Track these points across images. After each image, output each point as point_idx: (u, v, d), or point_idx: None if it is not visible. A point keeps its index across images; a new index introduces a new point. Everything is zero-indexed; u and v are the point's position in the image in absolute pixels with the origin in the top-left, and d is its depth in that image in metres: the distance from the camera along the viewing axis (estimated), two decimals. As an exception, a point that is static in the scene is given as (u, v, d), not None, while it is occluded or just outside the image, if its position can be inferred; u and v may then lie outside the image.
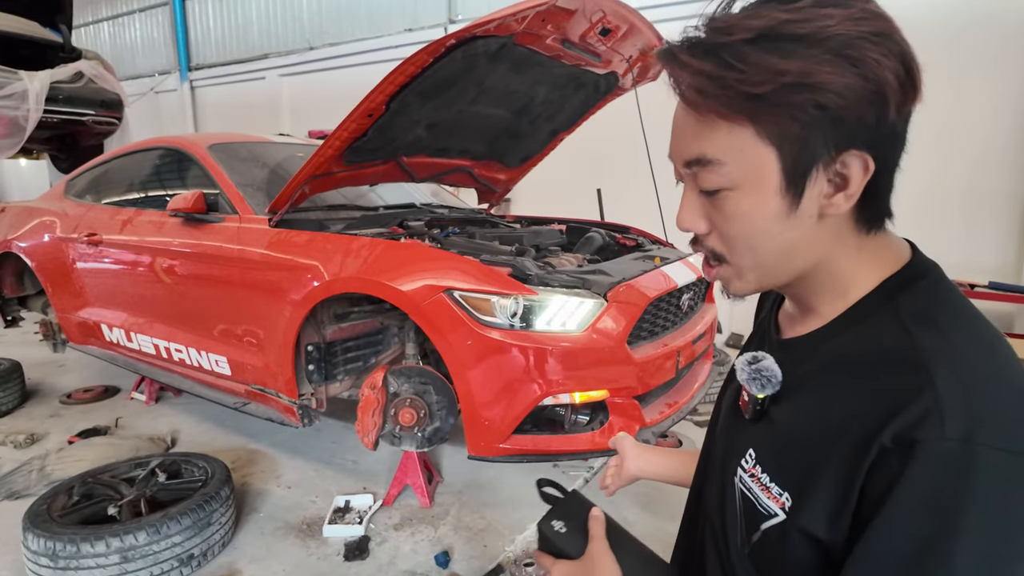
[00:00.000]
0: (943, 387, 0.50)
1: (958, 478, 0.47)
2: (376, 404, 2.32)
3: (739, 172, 0.57)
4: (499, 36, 2.25)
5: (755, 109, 0.54)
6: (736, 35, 0.52)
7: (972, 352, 0.53)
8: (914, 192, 4.79)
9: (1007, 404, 0.50)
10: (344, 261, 2.29)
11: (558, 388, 2.02)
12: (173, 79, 10.07)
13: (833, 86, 0.51)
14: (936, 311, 0.57)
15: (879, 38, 0.52)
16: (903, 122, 0.56)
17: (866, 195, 0.57)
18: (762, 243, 0.59)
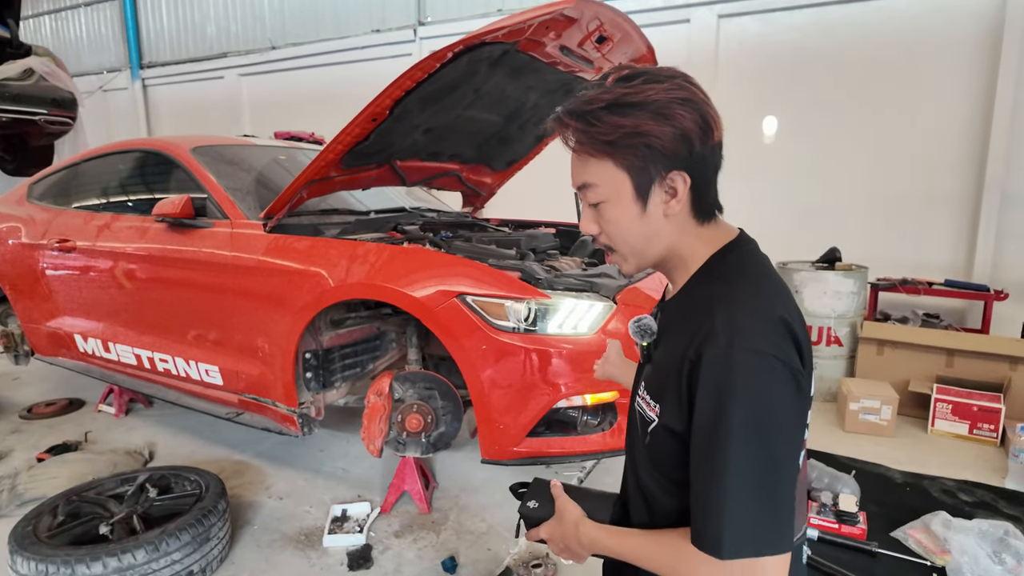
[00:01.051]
0: (718, 317, 0.77)
1: (725, 371, 0.74)
2: (383, 410, 2.30)
3: (607, 190, 0.86)
4: (504, 42, 2.27)
5: (610, 150, 0.83)
6: (595, 105, 0.82)
7: (740, 294, 0.80)
8: (871, 196, 5.07)
9: (753, 323, 0.77)
10: (350, 267, 2.26)
11: (572, 390, 2.05)
12: (124, 77, 9.65)
13: (654, 133, 0.80)
14: (730, 271, 0.85)
15: (684, 102, 0.81)
16: (709, 150, 0.84)
17: (695, 199, 0.86)
18: (630, 236, 0.88)
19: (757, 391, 0.73)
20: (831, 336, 4.33)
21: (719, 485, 0.74)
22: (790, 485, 0.76)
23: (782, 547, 0.74)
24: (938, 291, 4.48)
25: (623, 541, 0.87)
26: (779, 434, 0.74)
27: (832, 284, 4.30)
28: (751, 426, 0.73)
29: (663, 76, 0.83)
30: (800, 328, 0.79)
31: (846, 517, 2.67)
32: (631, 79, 0.83)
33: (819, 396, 4.40)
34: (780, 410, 0.75)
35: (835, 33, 5.14)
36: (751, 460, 0.73)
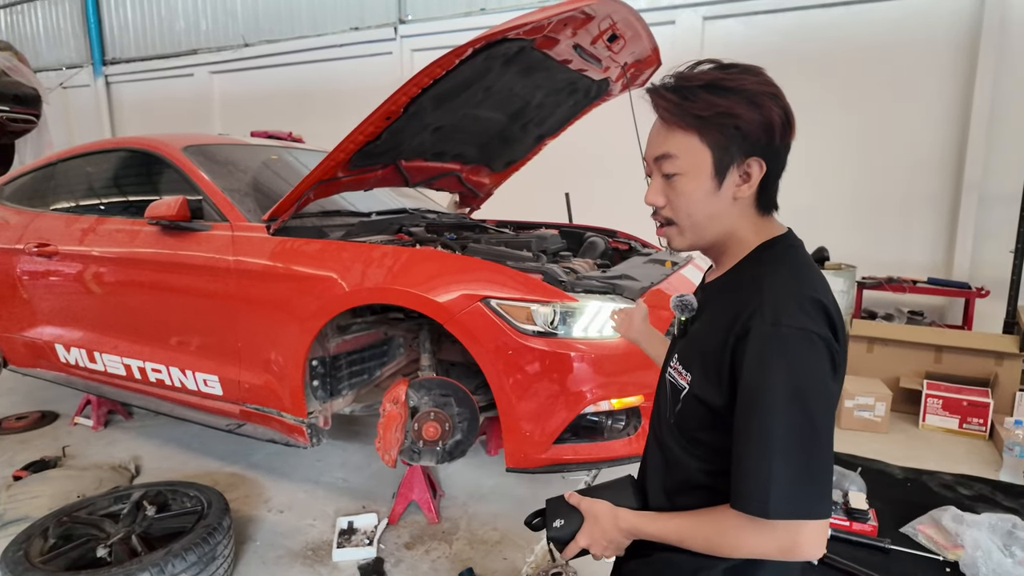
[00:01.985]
0: (764, 297, 0.84)
1: (771, 344, 0.80)
2: (400, 419, 2.22)
3: (687, 163, 0.90)
4: (523, 39, 2.21)
5: (700, 125, 0.88)
6: (693, 82, 0.88)
7: (785, 278, 0.87)
8: (853, 196, 5.18)
9: (796, 304, 0.83)
10: (365, 271, 2.17)
11: (599, 395, 2.01)
12: (85, 74, 9.27)
13: (744, 117, 0.86)
14: (777, 260, 0.91)
15: (773, 97, 0.88)
16: (784, 147, 0.91)
17: (761, 190, 0.92)
18: (696, 210, 0.93)
19: (800, 364, 0.79)
20: (822, 334, 4.39)
21: (765, 449, 0.78)
22: (829, 454, 0.81)
23: (822, 512, 0.79)
24: (922, 289, 4.59)
25: (664, 524, 0.90)
26: (819, 404, 0.80)
27: (823, 283, 4.36)
28: (794, 396, 0.78)
29: (757, 71, 0.90)
30: (836, 313, 0.85)
31: (857, 514, 2.69)
32: (729, 67, 0.89)
33: (811, 394, 4.46)
34: (820, 382, 0.80)
35: (817, 36, 5.23)
36: (795, 427, 0.78)
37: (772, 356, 0.79)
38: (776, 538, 0.79)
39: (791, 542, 0.79)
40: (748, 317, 0.83)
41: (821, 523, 0.79)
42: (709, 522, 0.85)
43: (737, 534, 0.81)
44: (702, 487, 0.90)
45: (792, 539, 0.78)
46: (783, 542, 0.79)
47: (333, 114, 7.52)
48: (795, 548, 0.79)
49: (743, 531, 0.80)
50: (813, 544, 0.79)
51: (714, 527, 0.84)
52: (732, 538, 0.81)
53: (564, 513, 1.00)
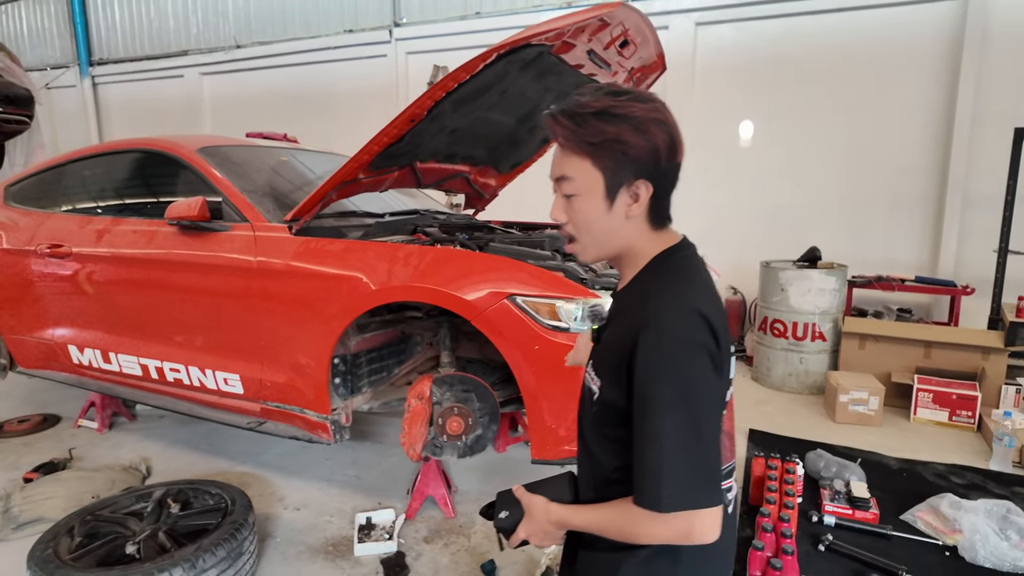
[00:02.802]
0: (650, 310, 0.92)
1: (655, 354, 0.88)
2: (424, 414, 2.27)
3: (582, 185, 0.98)
4: (542, 44, 2.28)
5: (591, 151, 0.95)
6: (586, 110, 0.94)
7: (670, 291, 0.94)
8: (841, 197, 5.34)
9: (677, 315, 0.91)
10: (391, 270, 2.22)
11: (623, 388, 2.08)
12: (71, 74, 9.14)
13: (631, 143, 0.93)
14: (669, 270, 0.99)
15: (659, 123, 0.94)
16: (672, 167, 0.98)
17: (653, 207, 0.99)
18: (594, 228, 1.00)
19: (681, 369, 0.88)
20: (815, 331, 4.52)
21: (655, 450, 0.87)
22: (715, 448, 0.90)
23: (714, 499, 0.88)
24: (910, 287, 4.75)
25: (585, 515, 0.99)
26: (702, 405, 0.89)
27: (816, 282, 4.49)
28: (678, 399, 0.87)
29: (646, 98, 0.97)
30: (717, 319, 0.93)
31: (859, 503, 2.79)
32: (620, 94, 0.96)
33: (806, 389, 4.59)
34: (701, 384, 0.89)
35: (807, 42, 5.38)
36: (680, 427, 0.87)
37: (656, 364, 0.88)
38: (673, 527, 0.87)
39: (687, 529, 0.87)
40: (638, 330, 0.90)
41: (712, 511, 0.87)
42: (620, 514, 0.93)
43: (642, 524, 0.89)
44: (618, 482, 0.97)
45: (687, 527, 0.87)
46: (680, 530, 0.88)
47: (326, 116, 7.53)
48: (691, 534, 0.88)
49: (646, 522, 0.89)
50: (707, 530, 0.88)
51: (624, 518, 0.92)
52: (638, 527, 0.90)
53: (510, 505, 1.08)
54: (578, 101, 0.96)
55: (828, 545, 2.54)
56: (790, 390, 4.63)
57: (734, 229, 5.81)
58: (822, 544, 2.54)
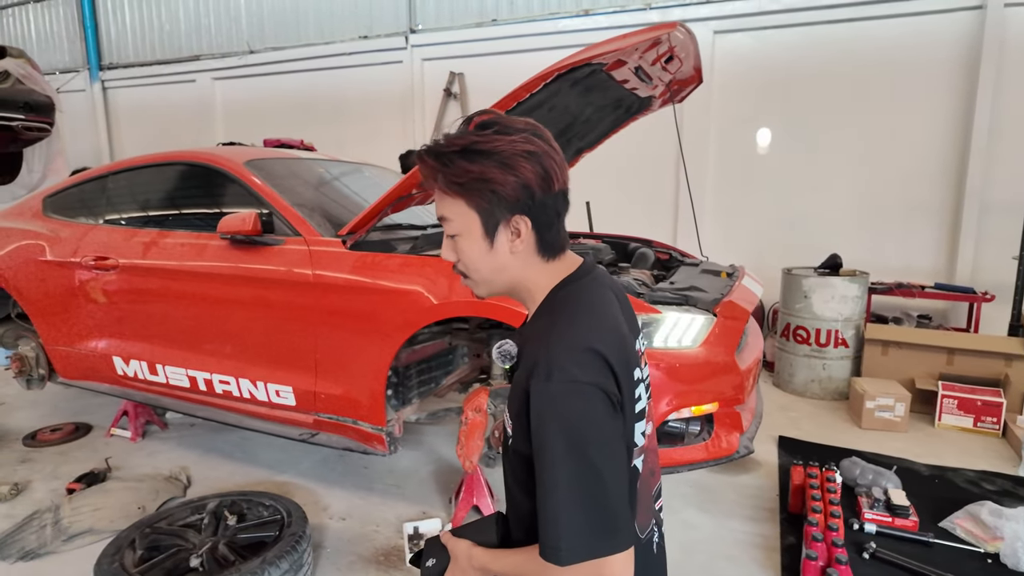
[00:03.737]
0: (540, 352, 0.88)
1: (545, 400, 0.85)
2: (482, 426, 2.30)
3: (460, 226, 0.95)
4: (600, 63, 2.32)
5: (461, 191, 0.91)
6: (450, 148, 0.91)
7: (560, 330, 0.90)
8: (859, 205, 5.40)
9: (568, 356, 0.86)
10: (452, 285, 2.25)
11: (681, 402, 2.12)
12: (81, 79, 9.13)
13: (498, 180, 0.89)
14: (558, 306, 0.96)
15: (529, 155, 0.90)
16: (552, 198, 0.93)
17: (539, 239, 0.95)
18: (481, 267, 0.97)
19: (573, 415, 0.84)
20: (838, 338, 4.58)
21: (551, 501, 0.84)
22: (619, 490, 0.86)
23: (619, 545, 0.85)
24: (930, 294, 4.81)
25: (503, 560, 0.97)
26: (599, 449, 0.84)
27: (839, 289, 4.55)
28: (572, 446, 0.83)
29: (514, 128, 0.92)
30: (615, 354, 0.89)
31: (899, 511, 2.84)
32: (486, 127, 0.92)
33: (829, 395, 4.64)
34: (596, 428, 0.84)
35: (825, 51, 5.44)
36: (575, 475, 0.83)
37: (547, 411, 0.84)
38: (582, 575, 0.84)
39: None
40: (530, 373, 0.88)
41: (621, 556, 0.84)
42: (532, 560, 0.89)
43: (551, 573, 0.85)
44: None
45: (596, 574, 0.83)
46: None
47: (339, 123, 7.55)
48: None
49: (553, 572, 0.85)
50: (618, 574, 0.84)
51: (535, 566, 0.88)
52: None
53: (437, 552, 1.07)
54: (445, 139, 0.93)
55: (872, 553, 2.58)
56: (812, 396, 4.68)
57: (751, 236, 5.87)
58: (867, 552, 2.58)
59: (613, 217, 5.27)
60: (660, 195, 6.16)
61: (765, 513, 3.03)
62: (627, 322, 1.02)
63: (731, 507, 3.08)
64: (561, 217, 0.97)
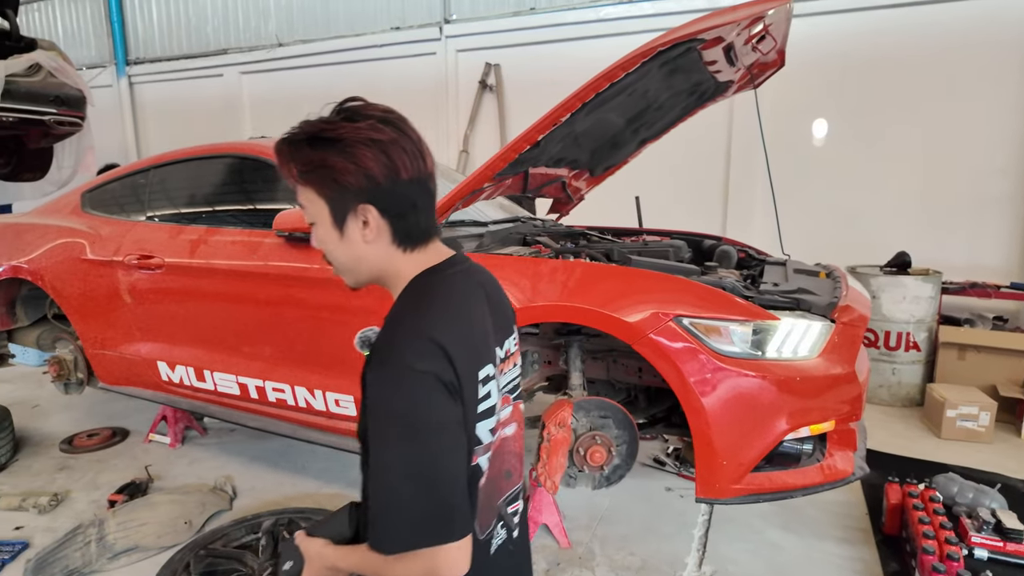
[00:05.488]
0: (381, 337, 0.90)
1: (379, 386, 0.84)
2: (566, 443, 2.09)
3: (313, 214, 0.95)
4: (695, 40, 2.09)
5: (307, 179, 0.92)
6: (299, 136, 0.91)
7: (405, 316, 0.91)
8: (921, 200, 5.10)
9: (406, 342, 0.86)
10: (536, 287, 2.04)
11: (800, 421, 1.89)
12: (108, 74, 9.03)
13: (338, 169, 0.88)
14: (409, 295, 0.95)
15: (371, 143, 0.88)
16: (403, 186, 0.91)
17: (395, 228, 0.94)
18: (338, 256, 0.97)
19: (406, 401, 0.83)
20: (909, 341, 4.30)
21: (380, 489, 0.83)
22: (453, 480, 0.85)
23: (450, 535, 0.83)
24: (1007, 294, 4.51)
25: (350, 558, 0.94)
26: (433, 436, 0.83)
27: (911, 289, 4.27)
28: (403, 432, 0.82)
29: (363, 115, 0.90)
30: (457, 347, 0.87)
31: (1012, 534, 2.58)
32: (337, 115, 0.91)
33: (899, 401, 4.37)
34: (432, 415, 0.83)
35: (883, 38, 5.14)
36: (406, 462, 0.82)
37: (380, 397, 0.84)
38: (415, 567, 0.82)
39: (430, 567, 0.82)
40: (368, 360, 0.88)
41: (456, 545, 0.83)
42: (369, 553, 0.87)
43: (387, 566, 0.84)
44: None
45: (430, 564, 0.82)
46: (422, 569, 0.82)
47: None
48: (436, 571, 0.82)
49: (389, 563, 0.84)
50: (452, 566, 0.83)
51: (374, 560, 0.86)
52: (385, 570, 0.85)
53: (293, 554, 1.04)
54: (297, 127, 0.92)
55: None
56: (880, 402, 4.41)
57: (805, 232, 5.57)
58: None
59: (659, 213, 5.02)
60: (708, 190, 5.90)
61: (857, 534, 2.79)
62: (494, 320, 1.01)
63: (817, 526, 2.84)
64: (418, 207, 0.94)
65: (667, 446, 3.50)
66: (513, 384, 1.09)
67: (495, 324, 1.01)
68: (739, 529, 2.79)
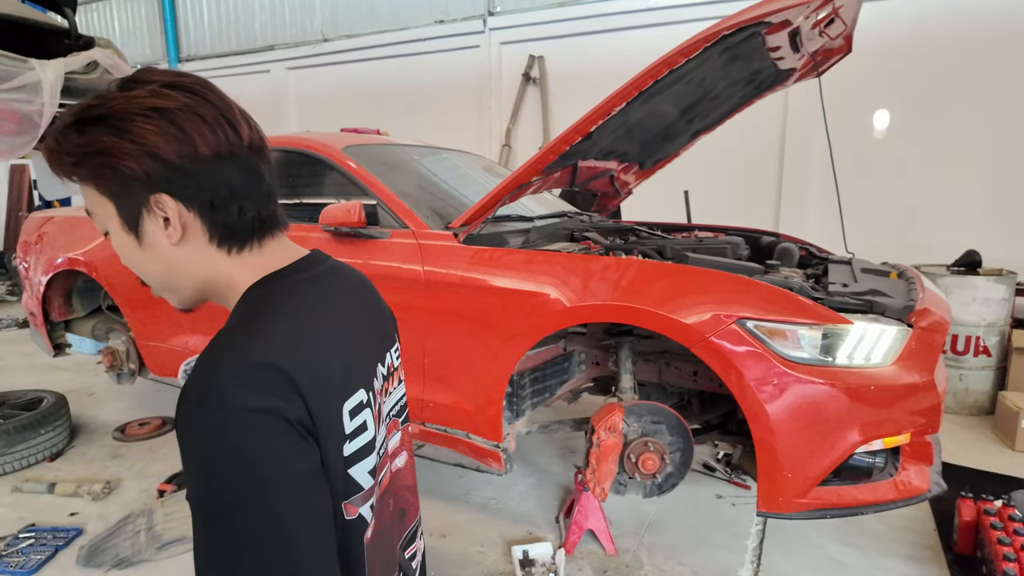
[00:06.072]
0: (200, 367, 0.64)
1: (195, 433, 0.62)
2: (617, 449, 2.00)
3: (102, 218, 0.73)
4: (761, 23, 1.96)
5: (81, 173, 0.70)
6: (66, 121, 0.69)
7: (233, 336, 0.68)
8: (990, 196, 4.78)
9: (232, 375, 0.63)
10: (587, 285, 1.95)
11: (874, 432, 1.75)
12: (161, 71, 9.30)
13: (112, 151, 0.67)
14: (249, 307, 0.72)
15: (153, 112, 0.67)
16: (208, 166, 0.69)
17: (208, 224, 0.72)
18: (144, 269, 0.75)
19: (236, 453, 0.60)
20: (979, 345, 4.04)
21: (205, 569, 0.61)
22: (312, 547, 0.63)
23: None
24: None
25: None
26: (278, 499, 0.61)
27: (981, 290, 4.00)
28: (236, 497, 0.60)
29: (141, 81, 0.69)
30: (309, 373, 0.66)
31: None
32: (116, 85, 0.70)
33: (966, 409, 4.11)
34: (274, 469, 0.62)
35: (951, 22, 4.84)
36: (242, 540, 0.60)
37: (197, 447, 0.61)
38: None
39: None
40: (180, 396, 0.64)
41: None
42: None
43: None
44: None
45: None
46: None
47: (414, 111, 7.36)
48: None
49: None
50: None
51: None
52: None
53: None
54: (67, 113, 0.70)
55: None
56: (946, 410, 4.14)
57: (864, 229, 5.30)
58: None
59: (707, 208, 4.85)
60: (760, 184, 5.67)
61: (925, 552, 2.61)
62: (370, 333, 0.82)
63: (881, 542, 2.68)
64: (239, 192, 0.71)
65: (717, 451, 3.36)
66: (400, 405, 0.90)
67: (371, 338, 0.82)
68: (795, 542, 2.65)
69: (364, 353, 0.79)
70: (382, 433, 0.81)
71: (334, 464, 0.69)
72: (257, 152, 0.74)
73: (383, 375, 0.83)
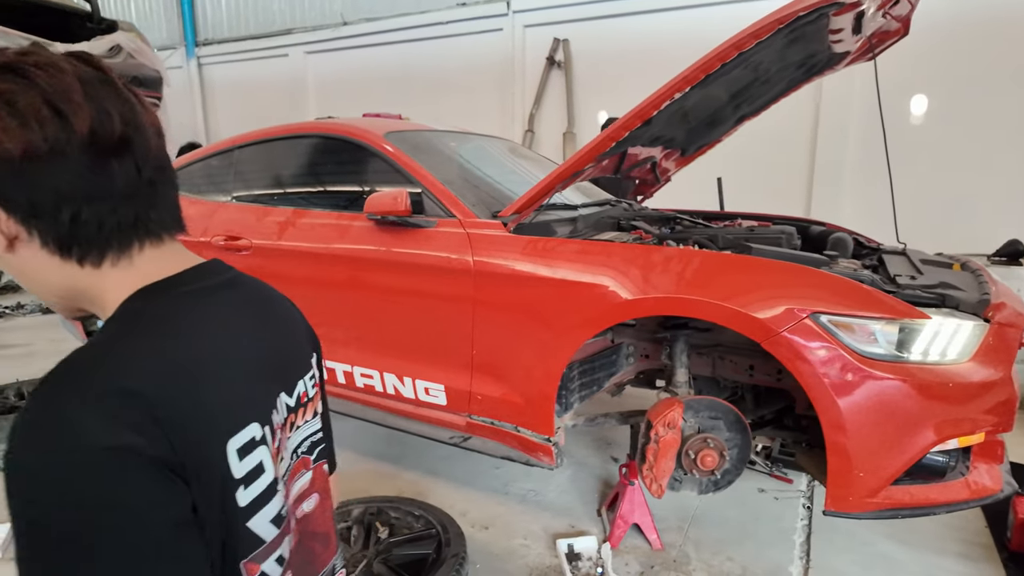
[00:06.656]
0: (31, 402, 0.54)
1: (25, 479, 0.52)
2: (675, 445, 1.95)
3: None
4: (832, 4, 1.87)
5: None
6: None
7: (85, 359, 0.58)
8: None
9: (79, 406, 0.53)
10: (647, 277, 1.89)
11: (950, 431, 1.69)
12: (178, 56, 9.23)
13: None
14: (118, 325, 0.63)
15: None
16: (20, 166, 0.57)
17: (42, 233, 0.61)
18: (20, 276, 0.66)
19: (79, 500, 0.50)
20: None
21: None
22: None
23: None
24: None
25: None
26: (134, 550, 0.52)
27: (1027, 281, 3.90)
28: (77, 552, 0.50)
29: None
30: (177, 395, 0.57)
31: None
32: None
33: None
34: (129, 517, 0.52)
35: (995, 6, 4.68)
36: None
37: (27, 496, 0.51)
38: None
39: None
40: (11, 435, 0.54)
41: None
42: None
43: None
44: None
45: None
46: None
47: (435, 95, 7.26)
48: None
49: None
50: None
51: None
52: None
53: None
54: None
55: None
56: (985, 403, 4.07)
57: (902, 220, 5.19)
58: None
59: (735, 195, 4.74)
60: (790, 170, 5.56)
61: (978, 550, 2.56)
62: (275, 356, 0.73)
63: (932, 539, 2.62)
64: (71, 197, 0.59)
65: (756, 444, 3.31)
66: (312, 441, 0.81)
67: (273, 363, 0.72)
68: (844, 539, 2.60)
69: (260, 381, 0.69)
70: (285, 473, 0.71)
71: (221, 515, 0.60)
72: (107, 147, 0.60)
73: (287, 407, 0.73)
